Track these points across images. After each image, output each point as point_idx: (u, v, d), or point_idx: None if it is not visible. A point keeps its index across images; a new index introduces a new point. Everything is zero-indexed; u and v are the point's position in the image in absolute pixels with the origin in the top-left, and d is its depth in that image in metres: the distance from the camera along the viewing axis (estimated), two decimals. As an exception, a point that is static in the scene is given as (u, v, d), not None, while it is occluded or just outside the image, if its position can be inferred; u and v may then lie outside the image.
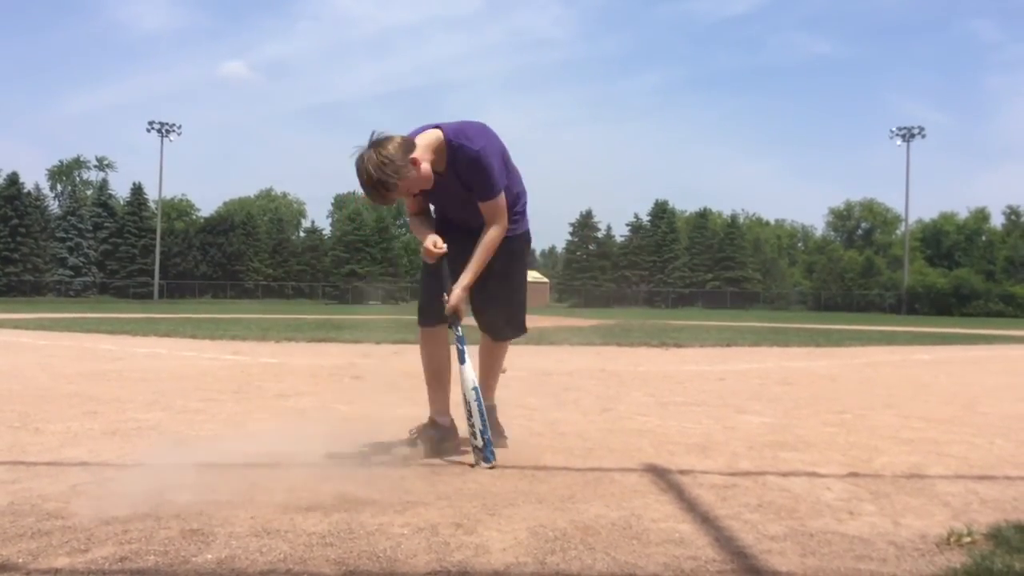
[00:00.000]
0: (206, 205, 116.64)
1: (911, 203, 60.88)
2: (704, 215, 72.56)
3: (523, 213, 3.22)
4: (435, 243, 2.95)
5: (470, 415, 2.89)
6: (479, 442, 2.86)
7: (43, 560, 1.80)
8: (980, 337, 16.03)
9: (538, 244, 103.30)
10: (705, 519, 2.22)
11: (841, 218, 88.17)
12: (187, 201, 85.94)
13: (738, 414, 4.32)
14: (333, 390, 5.09)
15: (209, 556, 1.84)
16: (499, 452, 2.95)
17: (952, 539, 2.03)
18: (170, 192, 79.76)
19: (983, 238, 74.64)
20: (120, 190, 72.87)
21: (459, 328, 2.99)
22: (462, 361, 2.95)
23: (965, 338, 15.29)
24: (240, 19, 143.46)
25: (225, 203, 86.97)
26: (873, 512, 2.33)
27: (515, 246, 3.16)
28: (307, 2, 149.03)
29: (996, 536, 2.04)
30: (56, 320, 15.81)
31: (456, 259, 2.97)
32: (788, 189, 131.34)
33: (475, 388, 2.94)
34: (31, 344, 9.24)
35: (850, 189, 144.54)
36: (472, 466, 2.84)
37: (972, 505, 2.44)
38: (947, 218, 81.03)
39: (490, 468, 2.79)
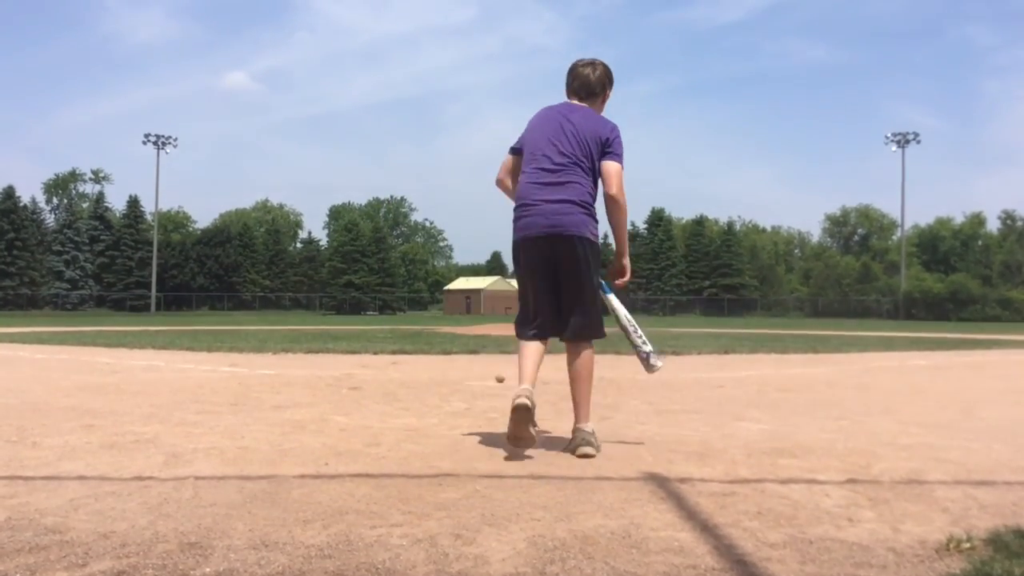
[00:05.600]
0: (202, 217, 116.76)
1: (907, 209, 61.29)
2: (701, 222, 72.76)
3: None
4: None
5: (636, 329, 3.52)
6: (649, 347, 3.51)
7: (41, 575, 1.79)
8: (977, 342, 16.06)
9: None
10: (704, 527, 2.21)
11: (837, 224, 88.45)
12: (184, 213, 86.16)
13: (736, 421, 4.32)
14: (331, 401, 5.08)
15: (207, 569, 1.83)
16: (496, 460, 2.97)
17: (951, 545, 2.03)
18: (166, 204, 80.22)
19: (979, 243, 74.87)
20: (116, 203, 73.18)
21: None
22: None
23: (962, 343, 15.31)
24: (235, 31, 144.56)
25: (221, 215, 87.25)
26: (872, 518, 2.33)
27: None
28: (302, 14, 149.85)
29: (995, 541, 2.04)
30: (53, 333, 15.77)
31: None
32: (784, 196, 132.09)
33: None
34: (28, 358, 9.21)
35: (846, 195, 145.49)
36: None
37: (971, 510, 2.44)
38: (943, 223, 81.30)
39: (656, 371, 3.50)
